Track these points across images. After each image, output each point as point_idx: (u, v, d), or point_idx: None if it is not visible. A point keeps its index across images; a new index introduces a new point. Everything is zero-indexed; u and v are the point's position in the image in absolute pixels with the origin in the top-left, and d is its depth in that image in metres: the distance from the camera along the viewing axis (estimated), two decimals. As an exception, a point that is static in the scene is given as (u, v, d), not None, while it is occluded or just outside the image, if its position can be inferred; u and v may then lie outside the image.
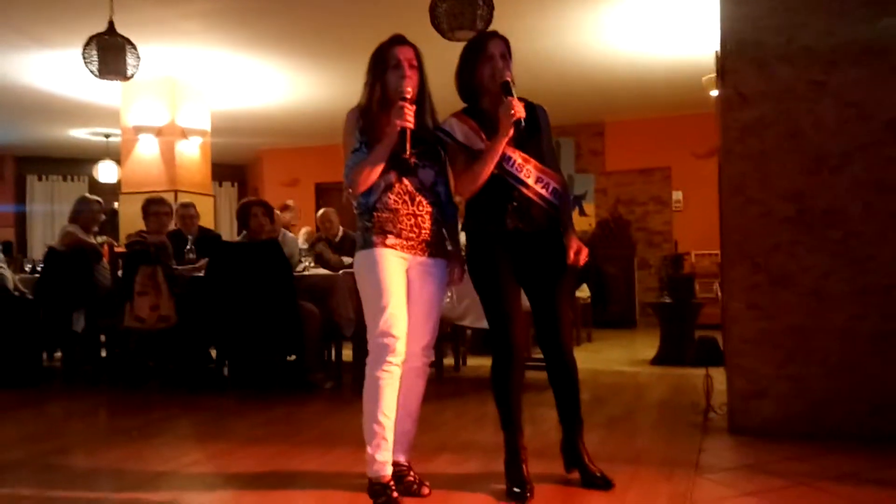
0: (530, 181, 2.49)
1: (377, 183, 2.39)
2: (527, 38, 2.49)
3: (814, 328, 3.21)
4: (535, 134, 2.54)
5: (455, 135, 2.50)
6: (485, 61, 2.50)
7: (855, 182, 3.17)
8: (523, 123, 2.41)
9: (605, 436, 3.28)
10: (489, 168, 2.44)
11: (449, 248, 2.57)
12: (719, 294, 3.81)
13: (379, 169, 2.36)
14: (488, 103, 2.52)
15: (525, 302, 2.58)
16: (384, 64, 2.44)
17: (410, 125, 2.31)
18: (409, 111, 2.31)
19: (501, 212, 2.49)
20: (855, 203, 3.17)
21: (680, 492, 2.47)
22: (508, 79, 2.45)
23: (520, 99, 2.48)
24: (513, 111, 2.37)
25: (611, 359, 6.01)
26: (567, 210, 2.59)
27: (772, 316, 3.26)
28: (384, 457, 2.34)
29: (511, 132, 2.41)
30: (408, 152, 2.33)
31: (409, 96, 2.34)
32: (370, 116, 2.43)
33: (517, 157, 2.48)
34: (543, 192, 2.51)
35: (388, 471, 2.35)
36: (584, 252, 2.51)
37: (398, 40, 2.47)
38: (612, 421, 3.65)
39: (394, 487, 2.33)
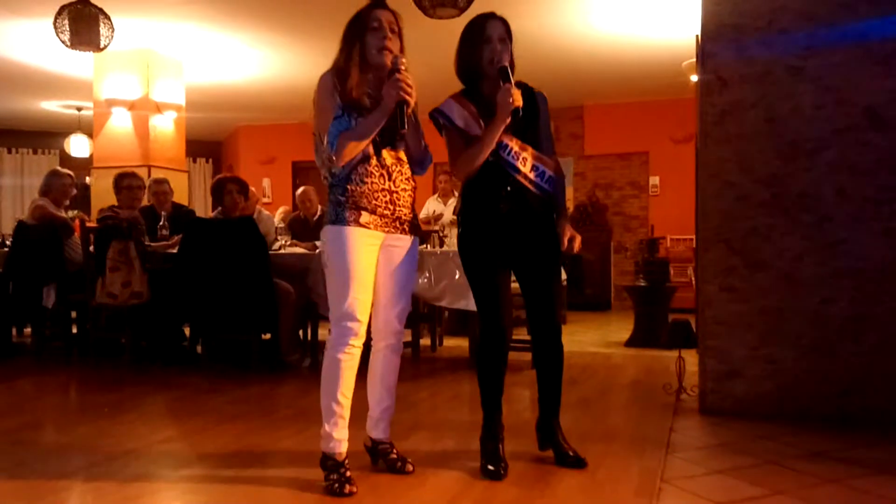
0: (525, 169, 2.49)
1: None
2: (508, 18, 2.49)
3: (786, 311, 3.26)
4: (534, 120, 2.53)
5: (453, 118, 2.49)
6: (483, 44, 2.47)
7: (830, 166, 3.21)
8: (521, 112, 2.39)
9: (578, 415, 3.31)
10: (484, 155, 2.44)
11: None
12: (693, 278, 3.86)
13: (367, 142, 2.29)
14: (487, 88, 2.50)
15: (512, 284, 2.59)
16: (364, 26, 2.33)
17: (411, 99, 2.25)
18: (407, 83, 2.23)
19: (496, 197, 2.49)
20: (829, 187, 3.21)
21: (651, 469, 2.50)
22: (507, 63, 2.43)
23: (520, 83, 2.47)
24: (511, 99, 2.36)
25: (585, 341, 6.06)
26: (561, 196, 2.60)
27: (745, 298, 3.30)
28: (341, 434, 2.34)
29: (508, 120, 2.40)
30: (405, 128, 2.27)
31: (404, 67, 2.26)
32: (348, 81, 2.32)
33: (513, 144, 2.48)
34: (538, 179, 2.51)
35: (344, 448, 2.34)
36: (578, 239, 2.54)
37: (379, 3, 2.38)
38: (585, 401, 3.68)
39: (348, 466, 2.32)
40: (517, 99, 2.37)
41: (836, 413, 3.18)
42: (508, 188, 2.48)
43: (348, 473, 2.30)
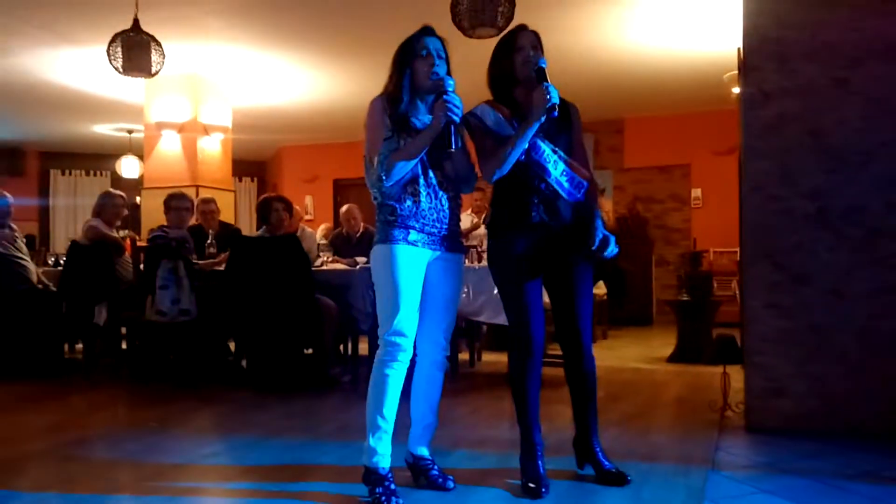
0: (557, 172, 2.48)
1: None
2: (547, 34, 2.51)
3: (834, 326, 3.18)
4: (567, 129, 2.54)
5: (486, 120, 2.50)
6: (516, 52, 2.51)
7: (878, 180, 3.14)
8: (557, 112, 2.40)
9: (620, 433, 3.27)
10: (517, 153, 2.43)
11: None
12: (737, 292, 3.80)
13: (415, 161, 2.35)
14: (521, 93, 2.52)
15: (544, 298, 2.58)
16: (413, 52, 2.42)
17: (457, 119, 2.32)
18: (454, 104, 2.30)
19: (527, 204, 2.48)
20: (877, 201, 3.14)
21: (696, 488, 2.46)
22: (544, 65, 2.45)
23: None
24: (547, 97, 2.36)
25: (627, 356, 5.99)
26: (595, 201, 2.56)
27: (791, 314, 3.24)
28: (385, 449, 2.37)
29: (543, 119, 2.40)
30: (453, 147, 2.33)
31: (452, 90, 2.33)
32: (398, 105, 2.40)
33: (546, 146, 2.48)
34: (569, 184, 2.49)
35: (387, 463, 2.37)
36: (612, 240, 2.48)
37: (427, 31, 2.46)
38: (627, 418, 3.64)
39: (392, 479, 2.35)
40: (554, 96, 2.37)
41: (888, 431, 3.09)
42: (540, 196, 2.47)
43: (393, 487, 2.33)
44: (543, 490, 2.40)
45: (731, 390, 3.55)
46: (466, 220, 6.97)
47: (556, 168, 2.48)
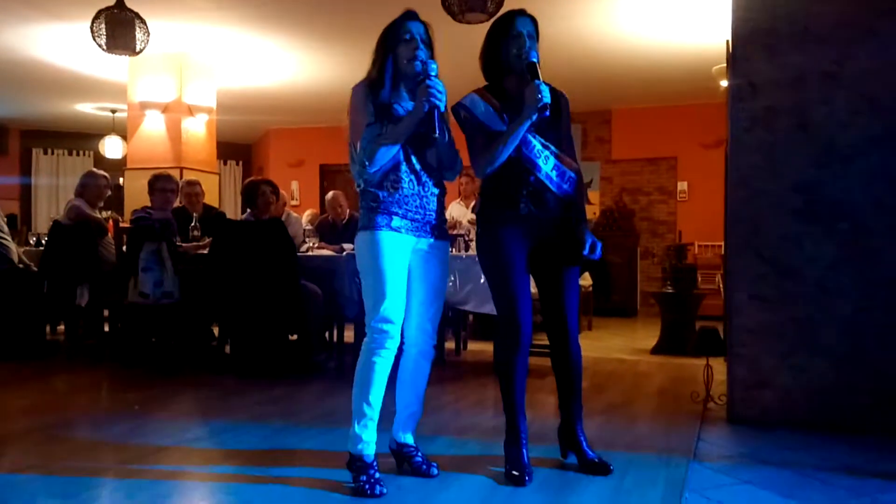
0: (547, 167, 2.47)
1: None
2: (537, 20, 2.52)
3: (818, 320, 3.21)
4: (556, 121, 2.52)
5: (475, 112, 2.48)
6: (511, 39, 2.47)
7: (866, 175, 3.15)
8: (548, 111, 2.39)
9: (603, 422, 3.29)
10: (508, 150, 2.42)
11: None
12: (721, 285, 3.82)
13: (398, 146, 2.33)
14: (513, 83, 2.50)
15: (531, 287, 2.58)
16: (396, 37, 2.39)
17: (440, 105, 2.29)
18: (437, 89, 2.27)
19: (516, 196, 2.47)
20: (865, 196, 3.16)
21: (677, 478, 2.48)
22: (536, 60, 2.42)
23: (544, 84, 2.46)
24: (539, 96, 2.35)
25: (611, 347, 6.02)
26: (581, 200, 2.57)
27: (776, 307, 3.26)
28: (370, 436, 2.37)
29: (534, 117, 2.39)
30: (436, 133, 2.30)
31: (434, 74, 2.30)
32: (381, 90, 2.37)
33: (537, 142, 2.47)
34: (559, 179, 2.49)
35: (372, 450, 2.37)
36: (599, 246, 2.51)
37: (411, 15, 2.42)
38: (610, 408, 3.66)
39: (377, 467, 2.35)
40: (546, 95, 2.36)
41: (870, 425, 3.12)
42: (528, 188, 2.47)
43: (377, 475, 2.32)
44: (527, 478, 2.41)
45: (713, 382, 3.58)
46: (456, 207, 6.96)
47: (547, 163, 2.47)
